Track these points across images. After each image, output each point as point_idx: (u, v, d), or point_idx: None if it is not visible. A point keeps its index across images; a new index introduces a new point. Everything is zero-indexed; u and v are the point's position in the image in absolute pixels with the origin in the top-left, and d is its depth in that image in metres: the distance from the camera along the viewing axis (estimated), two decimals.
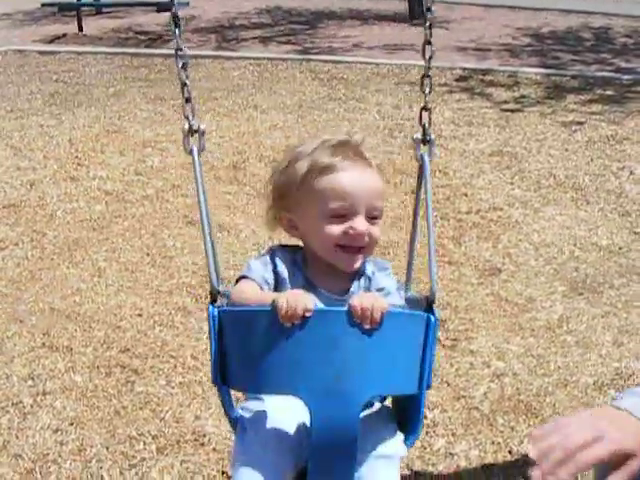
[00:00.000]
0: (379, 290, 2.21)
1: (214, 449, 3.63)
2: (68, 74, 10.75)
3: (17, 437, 3.69)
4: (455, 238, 5.71)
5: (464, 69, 10.92)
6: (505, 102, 9.26)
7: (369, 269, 2.27)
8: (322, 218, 2.14)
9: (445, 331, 4.54)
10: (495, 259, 5.41)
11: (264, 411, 2.09)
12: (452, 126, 8.28)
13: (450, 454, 3.62)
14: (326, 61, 11.15)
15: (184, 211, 6.11)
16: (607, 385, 4.07)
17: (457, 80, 10.34)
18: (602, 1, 17.24)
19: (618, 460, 1.88)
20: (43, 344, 4.42)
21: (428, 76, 2.46)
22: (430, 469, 3.54)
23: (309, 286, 2.15)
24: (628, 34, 13.91)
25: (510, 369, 4.20)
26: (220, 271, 2.35)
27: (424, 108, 2.44)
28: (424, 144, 2.42)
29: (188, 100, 2.36)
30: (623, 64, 11.50)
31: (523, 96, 9.53)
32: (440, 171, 6.90)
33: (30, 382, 4.10)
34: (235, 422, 2.18)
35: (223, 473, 3.48)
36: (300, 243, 2.28)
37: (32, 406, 3.91)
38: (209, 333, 2.12)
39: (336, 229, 2.13)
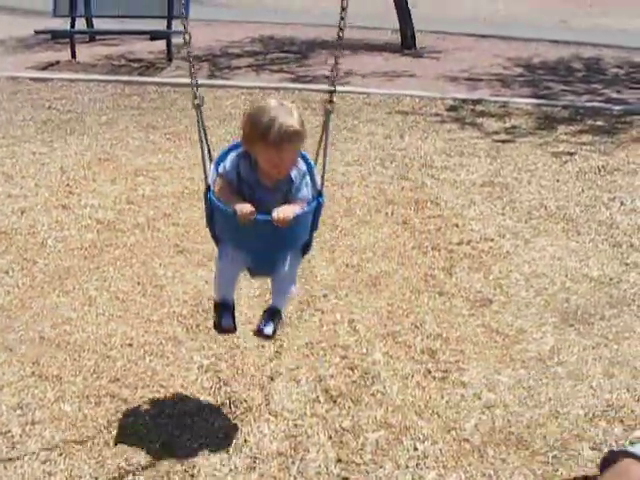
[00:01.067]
0: (297, 189, 3.60)
1: None
2: (61, 101, 10.75)
3: (5, 467, 3.67)
4: (446, 269, 5.71)
5: (455, 99, 10.96)
6: (496, 132, 9.30)
7: (292, 173, 3.61)
8: (267, 162, 3.50)
9: (436, 362, 4.54)
10: (486, 290, 5.42)
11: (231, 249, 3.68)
12: (443, 156, 8.31)
13: None
14: (318, 90, 11.19)
15: (175, 240, 6.12)
16: (598, 417, 4.07)
17: (448, 110, 10.39)
18: (592, 32, 17.35)
19: None
20: (32, 373, 4.40)
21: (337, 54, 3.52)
22: None
23: (257, 181, 3.57)
24: (619, 65, 13.98)
25: (501, 401, 4.20)
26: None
27: (332, 79, 3.55)
28: (329, 103, 3.53)
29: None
30: (614, 95, 11.55)
31: (514, 126, 9.58)
32: (431, 202, 6.92)
33: (19, 411, 4.08)
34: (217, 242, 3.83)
35: None
36: None
37: (21, 436, 3.90)
38: (205, 208, 3.67)
39: (276, 168, 3.52)
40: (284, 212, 3.44)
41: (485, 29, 17.61)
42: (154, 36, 15.15)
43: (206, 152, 3.63)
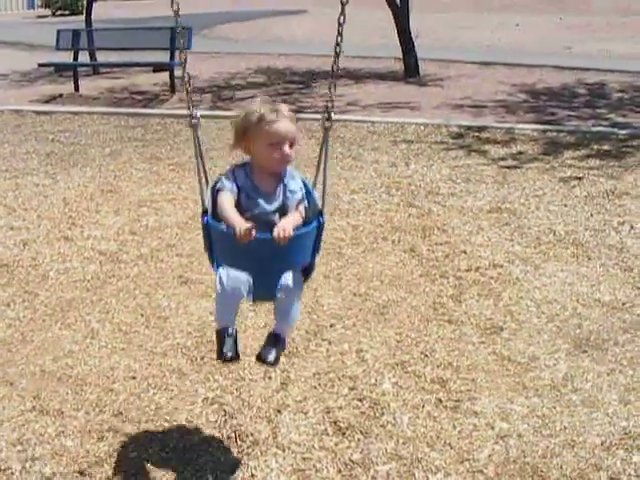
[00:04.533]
0: (291, 192, 3.66)
1: None
2: (64, 134, 10.74)
3: None
4: (455, 296, 5.61)
5: (460, 126, 10.91)
6: (502, 159, 9.23)
7: (285, 179, 3.67)
8: (267, 146, 3.57)
9: (447, 392, 4.42)
10: (496, 317, 5.31)
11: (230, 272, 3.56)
12: (450, 183, 8.23)
13: None
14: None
15: (179, 271, 6.03)
16: (616, 445, 3.95)
17: (453, 137, 10.33)
18: (596, 58, 17.35)
19: None
20: (33, 407, 4.30)
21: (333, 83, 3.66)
22: None
23: (254, 186, 3.62)
24: (623, 89, 13.96)
25: (515, 430, 4.08)
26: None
27: (330, 100, 3.63)
28: (328, 120, 3.66)
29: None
30: (619, 119, 11.51)
31: (520, 152, 9.51)
32: (438, 229, 6.83)
33: (19, 447, 3.97)
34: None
35: None
36: (246, 159, 3.72)
37: (20, 472, 3.79)
38: (203, 234, 3.73)
39: (275, 152, 3.57)
40: (284, 229, 3.43)
41: (488, 56, 17.62)
42: (157, 68, 15.18)
43: (202, 173, 3.70)
